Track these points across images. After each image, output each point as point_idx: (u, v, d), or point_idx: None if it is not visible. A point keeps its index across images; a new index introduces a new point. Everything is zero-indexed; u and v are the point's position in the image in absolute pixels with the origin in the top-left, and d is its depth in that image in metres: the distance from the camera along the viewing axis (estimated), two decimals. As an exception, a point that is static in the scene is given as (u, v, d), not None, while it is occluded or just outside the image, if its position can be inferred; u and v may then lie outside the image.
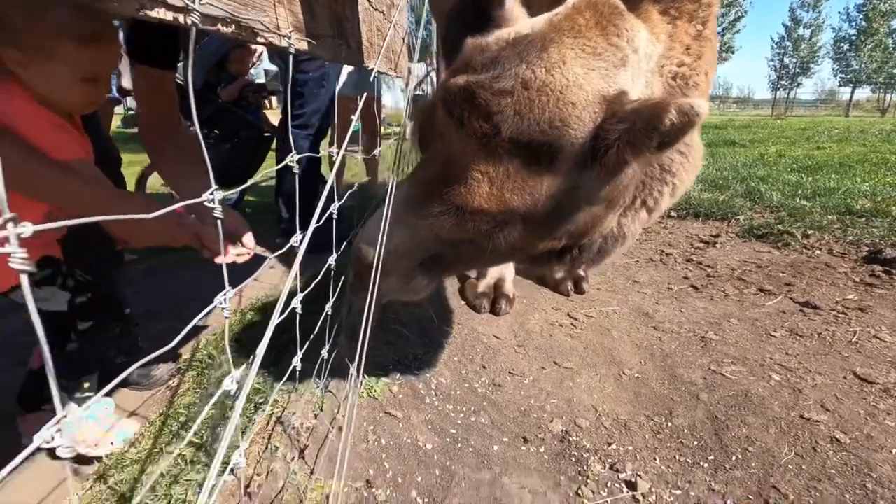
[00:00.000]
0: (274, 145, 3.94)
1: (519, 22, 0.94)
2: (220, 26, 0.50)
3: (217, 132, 3.97)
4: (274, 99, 8.49)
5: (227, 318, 0.58)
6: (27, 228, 0.28)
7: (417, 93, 4.77)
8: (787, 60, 50.26)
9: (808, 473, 1.28)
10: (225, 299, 0.56)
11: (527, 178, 0.81)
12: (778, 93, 53.03)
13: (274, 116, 4.45)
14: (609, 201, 0.93)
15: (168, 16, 0.42)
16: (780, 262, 2.82)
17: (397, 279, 1.02)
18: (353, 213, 2.11)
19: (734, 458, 1.35)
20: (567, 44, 0.80)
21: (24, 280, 0.28)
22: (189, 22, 0.43)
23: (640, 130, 0.74)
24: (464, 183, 0.82)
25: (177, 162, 1.34)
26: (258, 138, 4.00)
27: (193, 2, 0.42)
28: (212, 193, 0.51)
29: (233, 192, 0.79)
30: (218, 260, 0.98)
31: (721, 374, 1.73)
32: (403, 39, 1.61)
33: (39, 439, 0.31)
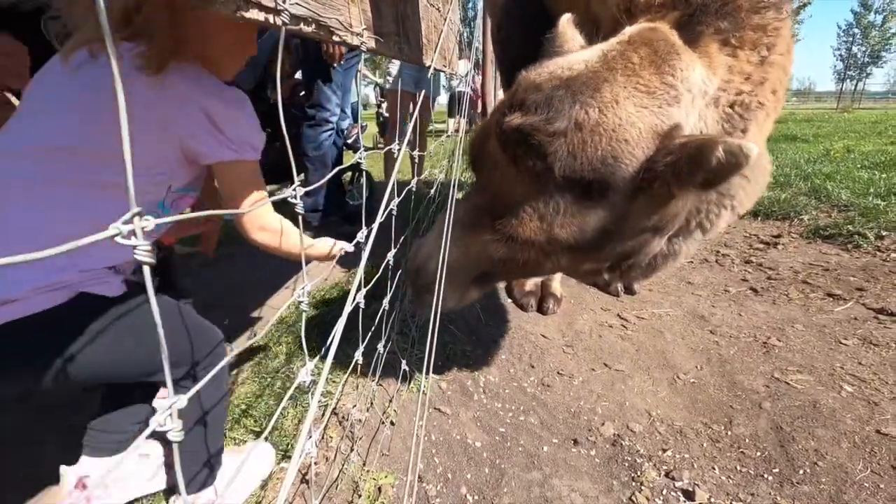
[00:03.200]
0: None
1: (573, 48, 0.93)
2: (302, 26, 0.51)
3: (269, 130, 4.11)
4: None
5: (304, 311, 0.60)
6: (150, 222, 0.29)
7: (459, 89, 4.77)
8: (855, 49, 46.88)
9: (887, 493, 1.19)
10: (304, 292, 0.58)
11: (577, 213, 0.83)
12: (844, 84, 49.56)
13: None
14: (657, 229, 0.93)
15: (259, 16, 0.44)
16: (850, 265, 2.63)
17: (452, 293, 1.06)
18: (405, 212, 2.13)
19: (801, 471, 1.28)
20: (620, 82, 0.80)
21: (147, 271, 0.30)
22: (279, 22, 0.44)
23: (685, 166, 0.73)
24: (515, 216, 0.85)
25: None
26: (308, 137, 4.12)
27: (284, 2, 0.43)
28: (294, 189, 0.53)
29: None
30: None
31: (786, 383, 1.63)
32: (456, 37, 1.60)
33: (154, 423, 0.33)
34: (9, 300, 0.74)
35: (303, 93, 4.30)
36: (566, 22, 0.93)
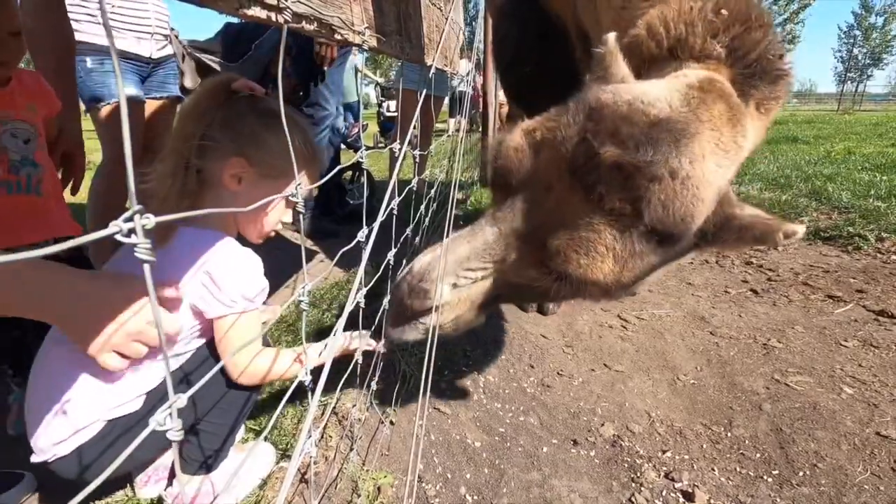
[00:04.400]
0: None
1: (622, 72, 0.88)
2: (304, 24, 0.51)
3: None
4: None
5: (304, 310, 0.60)
6: (151, 220, 0.29)
7: (460, 89, 4.77)
8: (856, 51, 46.86)
9: (887, 496, 1.19)
10: (304, 291, 0.58)
11: (645, 257, 0.81)
12: (845, 86, 49.53)
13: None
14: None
15: (262, 14, 0.44)
16: (850, 266, 2.63)
17: (462, 321, 1.00)
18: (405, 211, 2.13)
19: (801, 473, 1.28)
20: (706, 137, 0.78)
21: (147, 269, 0.30)
22: (281, 20, 0.44)
23: (749, 238, 0.82)
24: (584, 254, 0.79)
25: None
26: (308, 135, 4.12)
27: (286, 0, 0.43)
28: (295, 188, 0.53)
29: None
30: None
31: (786, 385, 1.63)
32: (458, 37, 1.60)
33: (154, 423, 0.32)
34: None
35: (302, 93, 4.30)
36: (613, 43, 0.87)
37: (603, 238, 0.78)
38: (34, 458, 0.94)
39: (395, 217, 0.98)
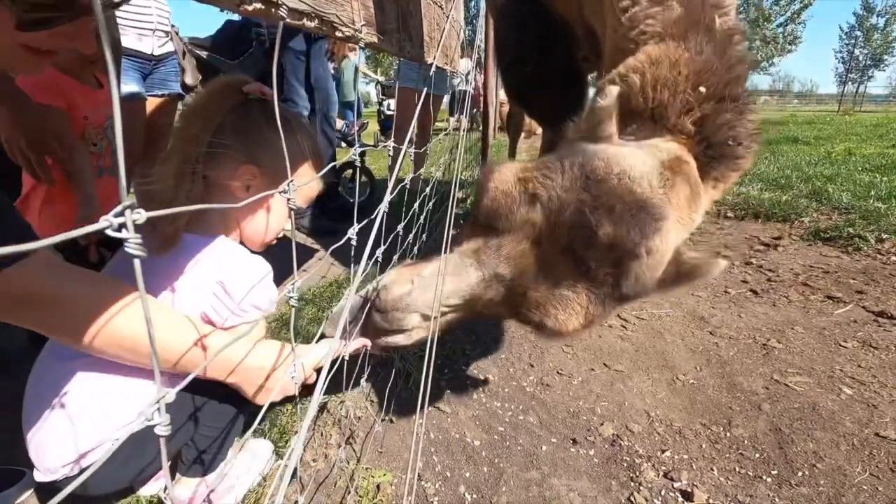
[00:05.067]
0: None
1: (611, 132, 0.94)
2: (304, 20, 0.51)
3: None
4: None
5: (293, 306, 0.60)
6: (142, 215, 0.29)
7: (461, 88, 4.77)
8: (857, 52, 46.81)
9: (886, 496, 1.19)
10: (293, 288, 0.58)
11: (606, 314, 0.90)
12: (846, 87, 49.49)
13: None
14: None
15: (260, 9, 0.43)
16: (850, 267, 2.63)
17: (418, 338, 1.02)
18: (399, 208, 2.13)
19: (800, 473, 1.28)
20: (673, 217, 0.87)
21: (137, 265, 0.29)
22: (280, 16, 0.44)
23: (683, 279, 0.89)
24: (563, 310, 0.88)
25: None
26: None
27: (285, -3, 0.43)
28: (288, 185, 0.53)
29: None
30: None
31: (785, 385, 1.63)
32: (458, 35, 1.60)
33: (142, 417, 0.32)
34: None
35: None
36: (614, 99, 0.91)
37: (580, 299, 0.87)
38: (40, 478, 0.93)
39: (386, 215, 0.98)
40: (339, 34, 0.63)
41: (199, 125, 0.96)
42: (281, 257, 1.07)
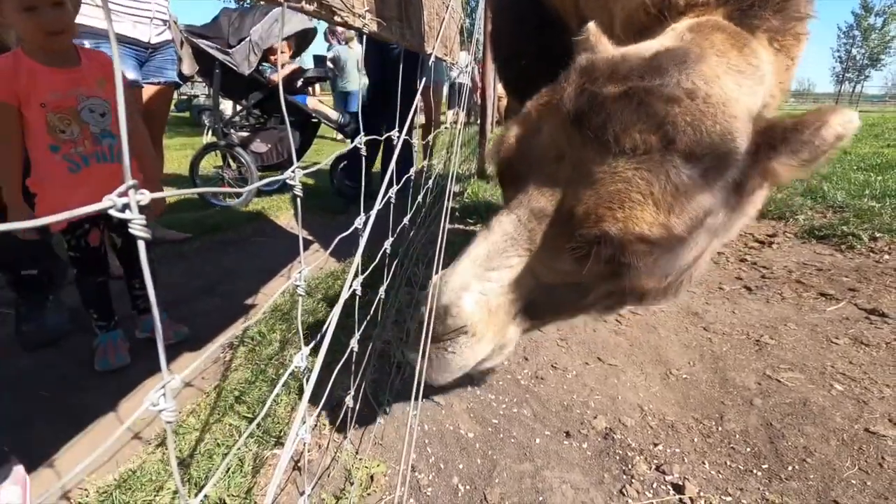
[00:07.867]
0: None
1: (609, 48, 0.84)
2: (304, 3, 0.50)
3: (265, 116, 4.10)
4: (318, 86, 8.64)
5: (301, 295, 0.59)
6: (146, 196, 0.28)
7: (459, 80, 4.75)
8: (854, 51, 46.92)
9: (874, 490, 1.21)
10: (300, 277, 0.57)
11: (693, 194, 0.70)
12: (843, 86, 49.64)
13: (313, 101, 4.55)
14: (719, 231, 0.84)
15: (260, -7, 0.43)
16: (843, 265, 2.65)
17: (502, 343, 0.89)
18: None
19: (790, 468, 1.29)
20: (713, 61, 0.73)
21: (142, 245, 0.29)
22: (280, -1, 0.44)
23: (798, 142, 0.69)
24: (619, 207, 0.69)
25: None
26: (305, 122, 4.10)
27: (285, -21, 0.42)
28: (293, 171, 0.52)
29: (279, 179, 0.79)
30: None
31: (777, 381, 1.65)
32: (458, 26, 1.59)
33: (147, 402, 0.32)
34: None
35: (301, 81, 4.28)
36: (595, 27, 0.84)
37: (634, 184, 0.68)
38: None
39: (392, 206, 0.98)
40: (338, 19, 0.62)
41: None
42: (276, 248, 1.07)
